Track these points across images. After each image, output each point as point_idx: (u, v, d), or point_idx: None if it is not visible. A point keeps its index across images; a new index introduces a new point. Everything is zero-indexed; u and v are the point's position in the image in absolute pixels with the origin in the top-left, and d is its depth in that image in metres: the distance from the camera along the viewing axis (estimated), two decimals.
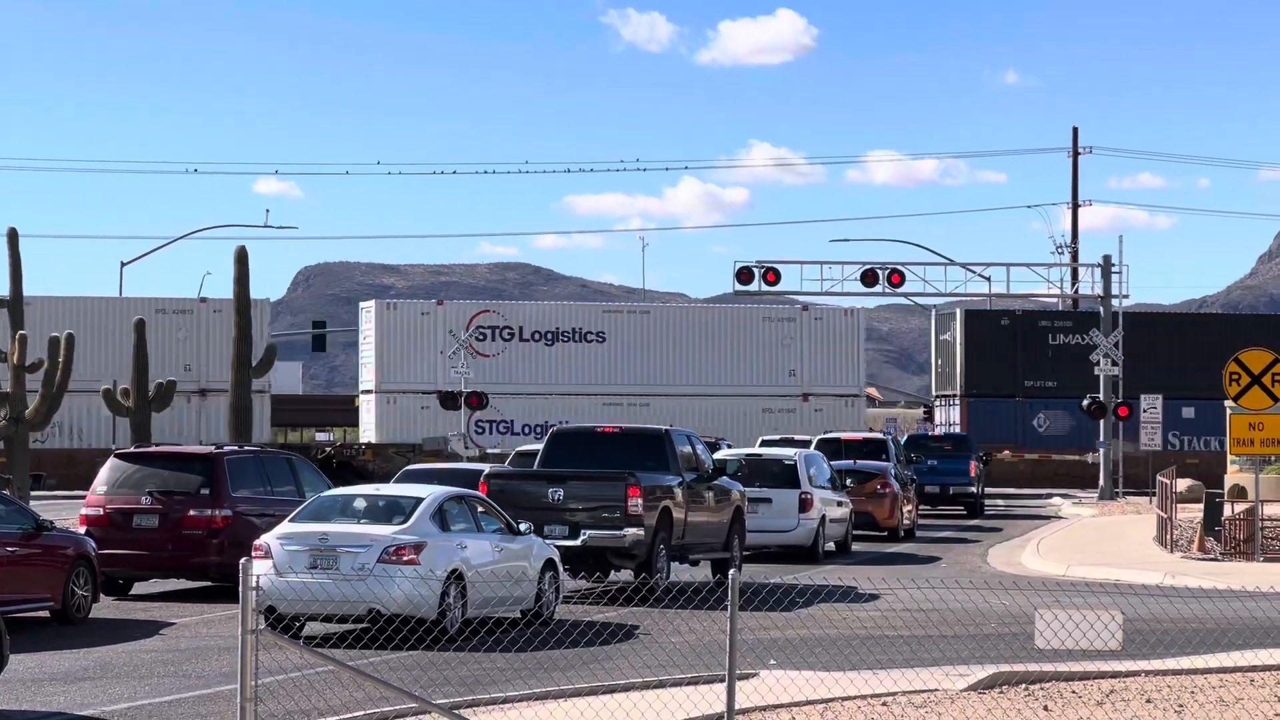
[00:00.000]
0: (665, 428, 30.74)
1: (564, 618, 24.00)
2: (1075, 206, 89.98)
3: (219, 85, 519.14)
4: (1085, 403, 66.46)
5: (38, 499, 55.71)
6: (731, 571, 13.63)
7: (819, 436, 50.99)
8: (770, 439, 52.05)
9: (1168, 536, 37.86)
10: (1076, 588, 28.62)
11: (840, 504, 38.69)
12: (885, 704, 16.20)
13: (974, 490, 55.86)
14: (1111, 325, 66.19)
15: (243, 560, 12.42)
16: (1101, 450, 66.06)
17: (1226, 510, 37.98)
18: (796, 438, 51.71)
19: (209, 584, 28.19)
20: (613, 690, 17.09)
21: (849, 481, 41.27)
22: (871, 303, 74.11)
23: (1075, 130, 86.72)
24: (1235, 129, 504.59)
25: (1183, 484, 47.77)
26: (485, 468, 31.05)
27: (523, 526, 24.21)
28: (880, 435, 50.31)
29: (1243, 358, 35.41)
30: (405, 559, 21.72)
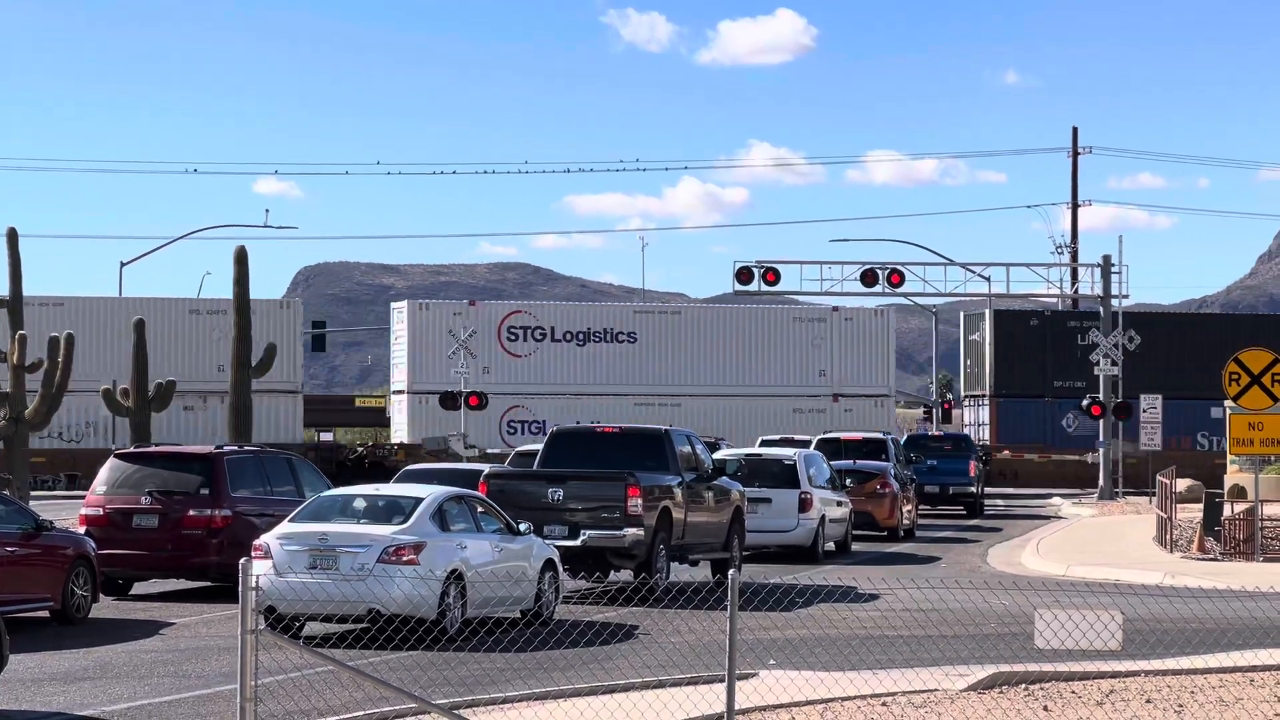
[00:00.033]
0: (665, 428, 30.73)
1: (564, 618, 23.99)
2: (1075, 206, 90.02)
3: (219, 85, 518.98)
4: (1084, 402, 66.48)
5: (48, 498, 55.80)
6: (731, 571, 13.63)
7: (818, 436, 51.02)
8: (770, 439, 52.05)
9: (1167, 536, 37.87)
10: (1076, 588, 28.61)
11: (840, 504, 38.69)
12: (885, 704, 16.21)
13: (973, 490, 55.85)
14: (1111, 325, 66.22)
15: (242, 560, 12.42)
16: (1101, 450, 66.07)
17: (1226, 510, 37.97)
18: (796, 438, 51.71)
19: (209, 584, 28.19)
20: (612, 690, 17.09)
21: (849, 481, 41.27)
22: (871, 303, 74.05)
23: (1075, 130, 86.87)
24: (1235, 129, 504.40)
25: (1182, 484, 47.75)
26: (485, 468, 31.06)
27: (522, 526, 24.21)
28: (880, 435, 50.28)
29: (1242, 357, 35.43)
30: (405, 559, 21.72)
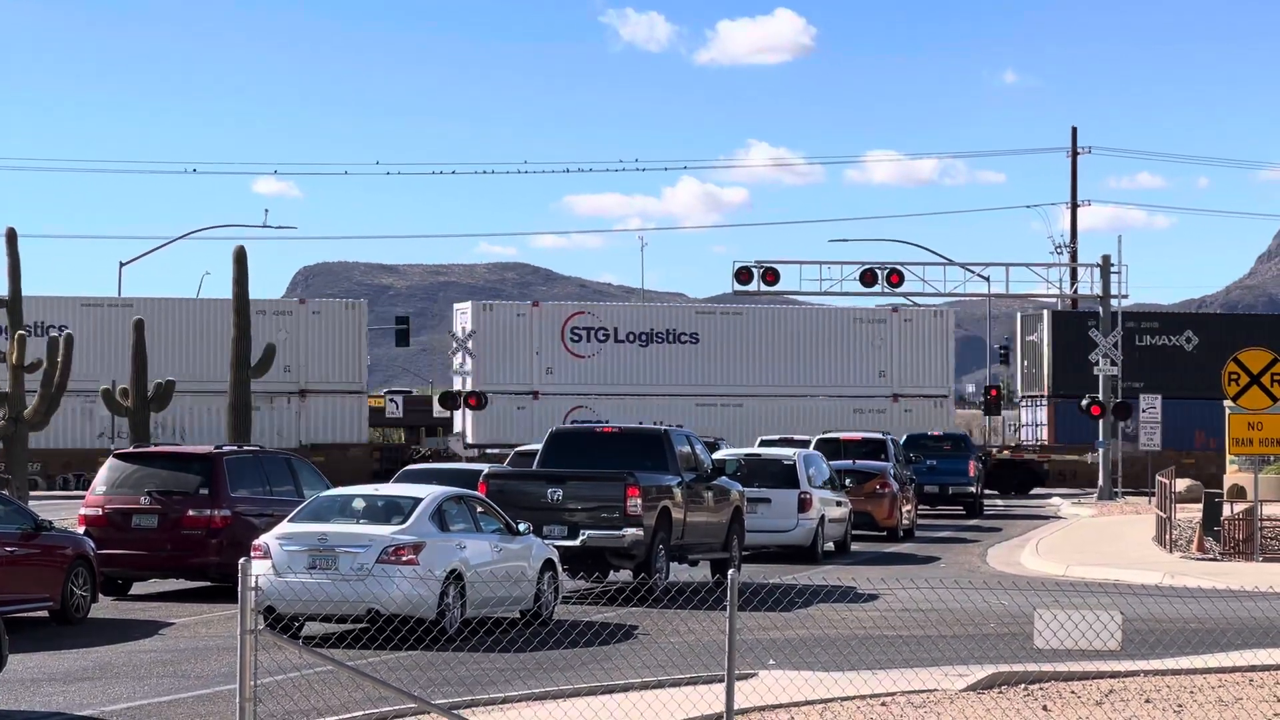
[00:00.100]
0: (664, 428, 30.73)
1: (563, 618, 23.99)
2: (1074, 206, 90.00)
3: (219, 85, 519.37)
4: (1084, 402, 66.40)
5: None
6: (731, 571, 13.62)
7: (818, 436, 51.02)
8: (769, 439, 52.05)
9: (1167, 536, 37.86)
10: (1076, 588, 28.61)
11: (839, 504, 38.68)
12: (884, 704, 16.21)
13: (973, 490, 55.84)
14: (1110, 325, 66.21)
15: (242, 560, 12.42)
16: (1101, 450, 66.04)
17: (1225, 510, 37.96)
18: (796, 437, 51.73)
19: (208, 584, 28.18)
20: (612, 690, 17.09)
21: (848, 481, 41.25)
22: (870, 303, 74.04)
23: (1074, 130, 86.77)
24: (1235, 129, 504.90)
25: (1181, 484, 47.73)
26: (484, 468, 31.06)
27: (522, 527, 24.20)
28: (879, 435, 50.26)
29: (1242, 357, 35.45)
30: (404, 559, 21.71)
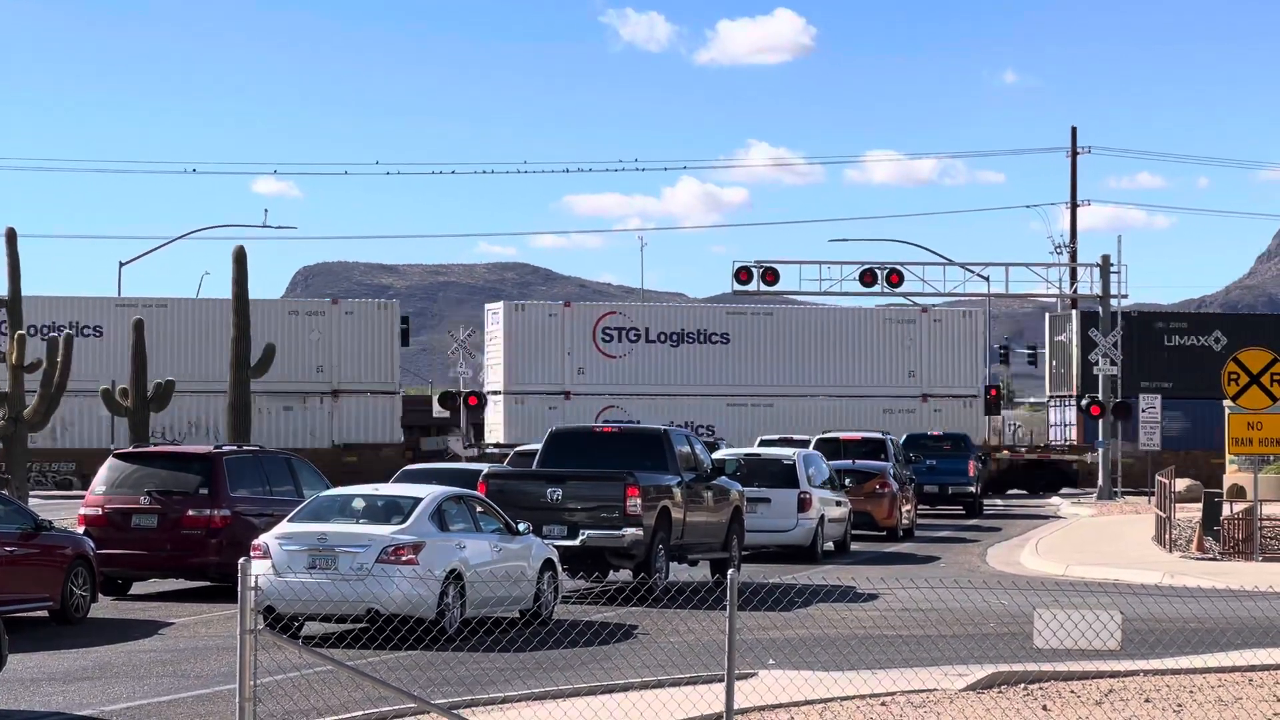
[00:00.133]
0: (664, 427, 30.73)
1: (562, 618, 23.99)
2: (1074, 206, 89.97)
3: (218, 85, 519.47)
4: (1084, 402, 66.36)
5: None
6: (730, 571, 13.62)
7: (817, 436, 51.01)
8: (769, 439, 52.05)
9: (1166, 536, 37.86)
10: (1075, 587, 28.61)
11: (839, 504, 38.68)
12: (884, 704, 16.21)
13: (973, 490, 55.82)
14: (1110, 325, 66.21)
15: (241, 560, 12.42)
16: (1101, 450, 66.04)
17: (1225, 510, 37.96)
18: (795, 437, 51.73)
19: (208, 584, 28.18)
20: (611, 690, 17.09)
21: (848, 481, 41.24)
22: (870, 302, 74.14)
23: (1074, 130, 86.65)
24: (1235, 129, 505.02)
25: (1181, 484, 47.73)
26: (484, 468, 31.06)
27: (521, 526, 24.19)
28: (879, 435, 50.26)
29: (1241, 357, 35.47)
30: (404, 559, 21.71)
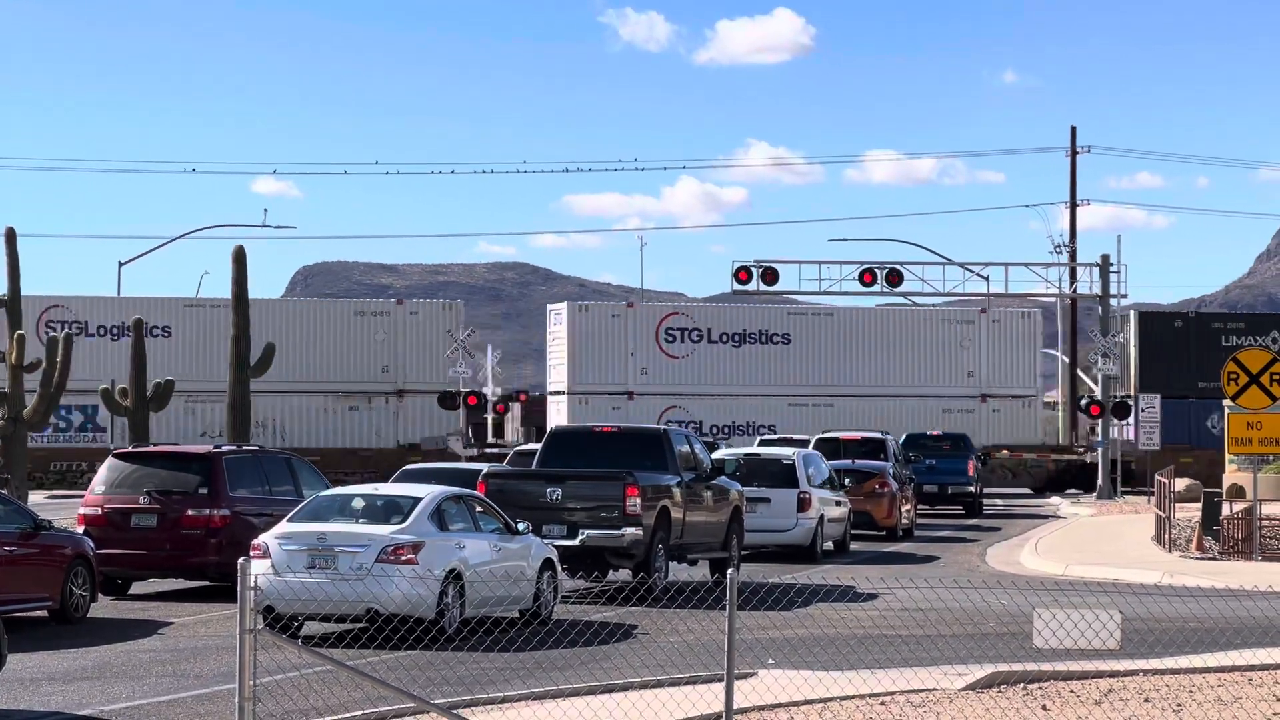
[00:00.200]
0: (663, 427, 30.73)
1: (562, 617, 23.98)
2: (1073, 206, 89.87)
3: (218, 85, 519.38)
4: (1084, 402, 66.35)
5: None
6: (730, 571, 13.62)
7: (817, 436, 51.00)
8: (769, 438, 52.04)
9: (1166, 536, 37.86)
10: (1075, 587, 28.61)
11: (839, 503, 38.68)
12: (883, 703, 16.20)
13: (972, 490, 55.81)
14: (1109, 325, 66.22)
15: (241, 560, 12.43)
16: (1100, 450, 66.03)
17: (1225, 509, 37.96)
18: (795, 437, 51.74)
19: (207, 584, 28.17)
20: (611, 690, 17.08)
21: (847, 481, 41.24)
22: (870, 302, 74.29)
23: (1073, 130, 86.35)
24: (1234, 129, 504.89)
25: (1181, 483, 47.73)
26: (484, 467, 31.05)
27: (521, 526, 24.19)
28: (879, 435, 50.26)
29: (1241, 357, 35.47)
30: (403, 559, 21.70)
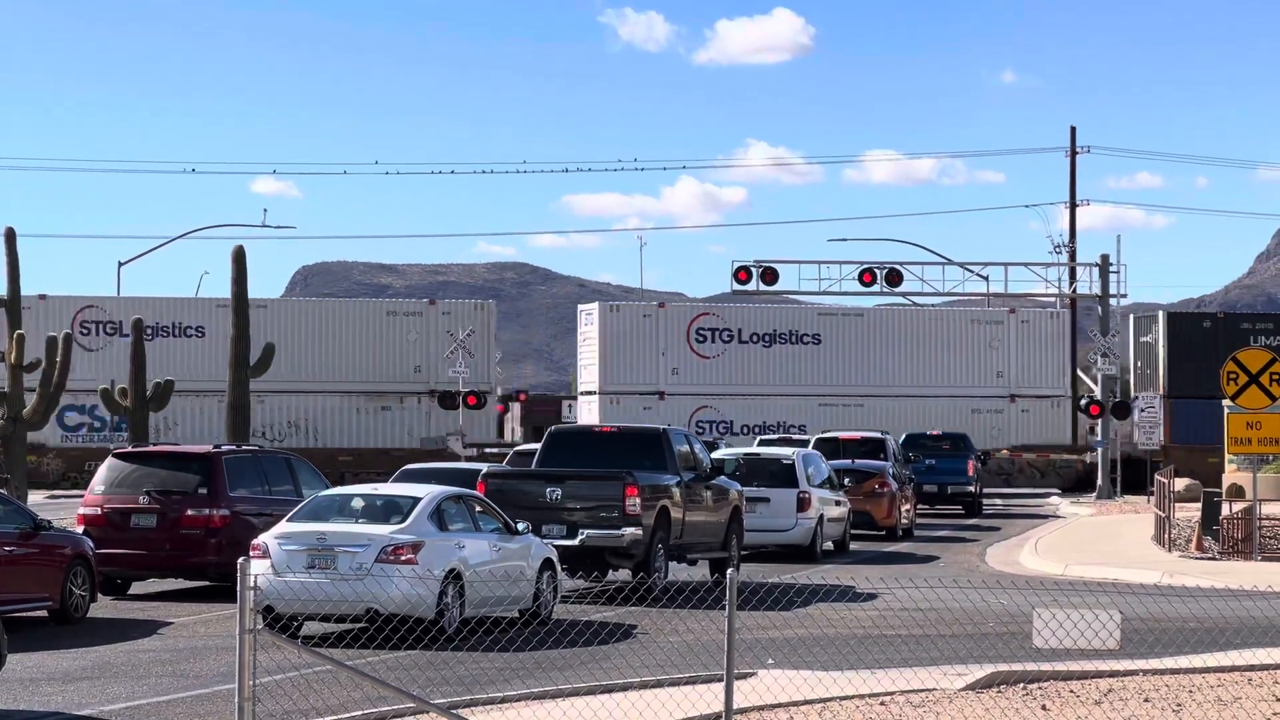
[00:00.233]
0: (663, 427, 30.72)
1: (562, 617, 23.99)
2: (1073, 206, 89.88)
3: (218, 85, 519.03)
4: (1084, 402, 66.36)
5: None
6: (730, 571, 13.62)
7: (817, 435, 51.01)
8: (768, 438, 52.06)
9: (1165, 536, 37.86)
10: (1074, 587, 28.61)
11: (838, 503, 38.68)
12: (883, 703, 16.21)
13: (972, 489, 55.82)
14: (1109, 324, 66.25)
15: (240, 560, 12.43)
16: (1100, 449, 66.05)
17: (1224, 509, 37.96)
18: (795, 437, 51.75)
19: (207, 584, 28.17)
20: (611, 690, 17.09)
21: (847, 481, 41.24)
22: (870, 302, 74.34)
23: (1073, 130, 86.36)
24: (1234, 129, 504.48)
25: (1180, 483, 47.73)
26: (483, 467, 31.04)
27: (520, 526, 24.19)
28: (878, 434, 50.26)
29: (1240, 357, 35.45)
30: (403, 559, 21.70)
